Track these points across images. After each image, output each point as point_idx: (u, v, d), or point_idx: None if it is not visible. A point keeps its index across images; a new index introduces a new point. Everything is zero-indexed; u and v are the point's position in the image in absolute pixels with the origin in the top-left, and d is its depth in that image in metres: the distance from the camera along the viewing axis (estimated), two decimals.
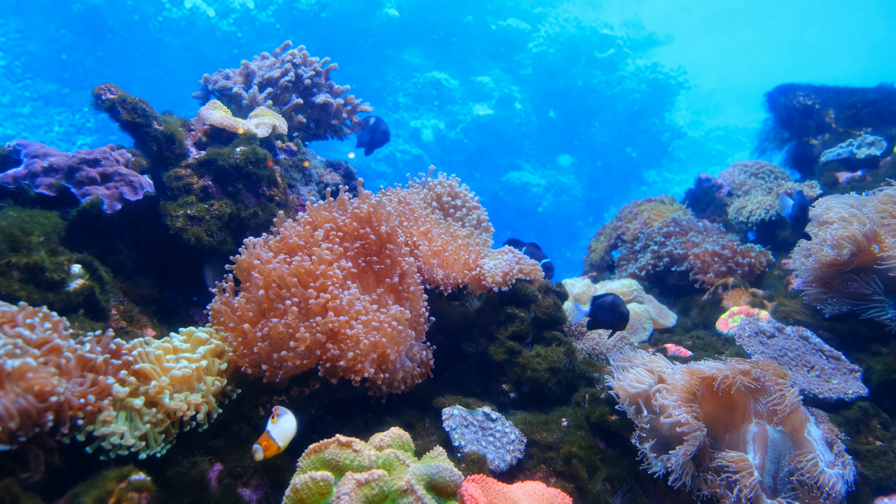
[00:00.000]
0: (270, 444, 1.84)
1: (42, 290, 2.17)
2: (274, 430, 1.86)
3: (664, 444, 2.19)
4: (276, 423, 1.88)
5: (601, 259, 5.04)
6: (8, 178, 2.54)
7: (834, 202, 3.22)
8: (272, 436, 1.85)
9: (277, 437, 1.85)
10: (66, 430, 1.76)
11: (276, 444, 1.85)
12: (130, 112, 2.79)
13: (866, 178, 4.37)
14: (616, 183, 18.67)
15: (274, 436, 1.85)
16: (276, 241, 2.50)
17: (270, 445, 1.84)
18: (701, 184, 5.32)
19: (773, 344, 2.98)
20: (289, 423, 1.91)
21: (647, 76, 17.92)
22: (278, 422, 1.89)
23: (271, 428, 1.87)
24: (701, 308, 3.80)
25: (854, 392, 2.68)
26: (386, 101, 16.73)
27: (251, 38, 15.22)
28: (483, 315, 2.98)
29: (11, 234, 2.21)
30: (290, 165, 3.33)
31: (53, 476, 1.75)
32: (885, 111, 4.77)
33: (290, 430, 1.90)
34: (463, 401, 2.51)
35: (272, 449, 1.85)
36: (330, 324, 2.17)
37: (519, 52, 17.68)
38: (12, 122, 14.01)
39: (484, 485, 1.95)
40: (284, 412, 1.93)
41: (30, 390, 1.63)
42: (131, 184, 2.68)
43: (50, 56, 14.50)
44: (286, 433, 1.88)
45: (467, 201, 3.26)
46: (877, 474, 2.32)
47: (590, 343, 3.35)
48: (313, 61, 3.73)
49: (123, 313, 2.50)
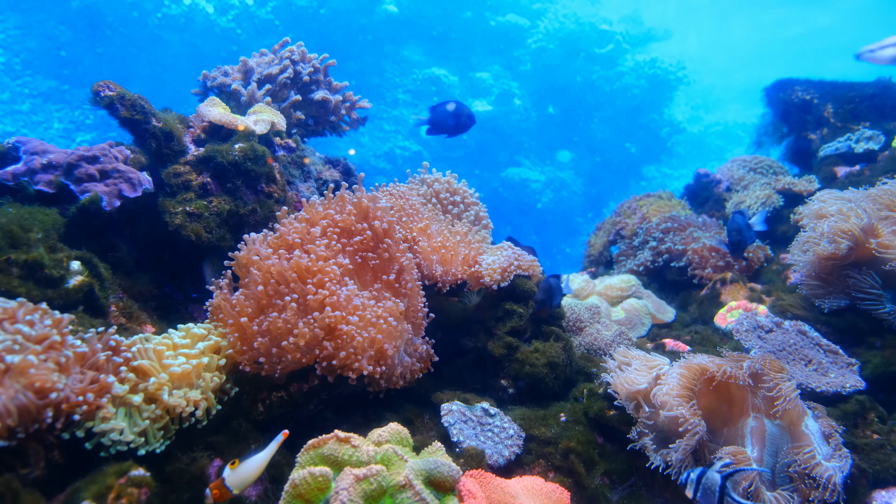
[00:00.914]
0: (224, 492, 1.74)
1: (41, 287, 2.18)
2: (230, 478, 1.75)
3: (663, 438, 2.20)
4: (234, 471, 1.76)
5: (600, 254, 5.04)
6: (7, 174, 2.54)
7: (830, 196, 3.22)
8: (226, 484, 1.74)
9: (232, 485, 1.74)
10: (64, 426, 1.77)
11: (230, 493, 1.75)
12: (129, 109, 2.79)
13: (864, 172, 4.37)
14: (615, 178, 18.67)
15: (228, 483, 1.74)
16: (274, 237, 2.51)
17: (224, 494, 1.75)
18: (700, 179, 5.32)
19: (770, 338, 2.99)
20: (248, 469, 1.77)
21: (646, 72, 17.91)
22: (237, 469, 1.76)
23: (228, 475, 1.75)
24: (699, 303, 3.80)
25: (851, 385, 2.68)
26: (385, 97, 16.73)
27: (250, 34, 15.21)
28: (481, 311, 2.99)
29: (11, 230, 2.22)
30: (288, 162, 3.33)
31: (53, 472, 1.76)
32: (882, 105, 4.76)
33: (249, 476, 1.77)
34: (461, 396, 2.52)
35: (225, 497, 1.75)
36: (327, 319, 2.18)
37: (518, 48, 17.66)
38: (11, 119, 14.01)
39: (482, 480, 1.96)
40: (248, 458, 1.81)
41: (30, 387, 1.63)
42: (130, 181, 2.68)
43: (49, 53, 14.49)
44: (243, 481, 1.77)
45: (466, 197, 3.26)
46: (874, 467, 2.33)
47: (588, 339, 3.36)
48: (312, 58, 3.73)
49: (122, 310, 2.51)
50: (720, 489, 1.88)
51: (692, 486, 1.94)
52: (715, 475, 1.90)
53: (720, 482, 1.88)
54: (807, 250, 3.12)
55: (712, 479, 1.91)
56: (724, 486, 1.88)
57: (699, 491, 1.93)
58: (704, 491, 1.92)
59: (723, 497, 1.88)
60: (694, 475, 1.95)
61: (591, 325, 3.44)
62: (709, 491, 1.90)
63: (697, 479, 1.94)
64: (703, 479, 1.93)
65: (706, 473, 1.93)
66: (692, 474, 1.96)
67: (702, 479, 1.93)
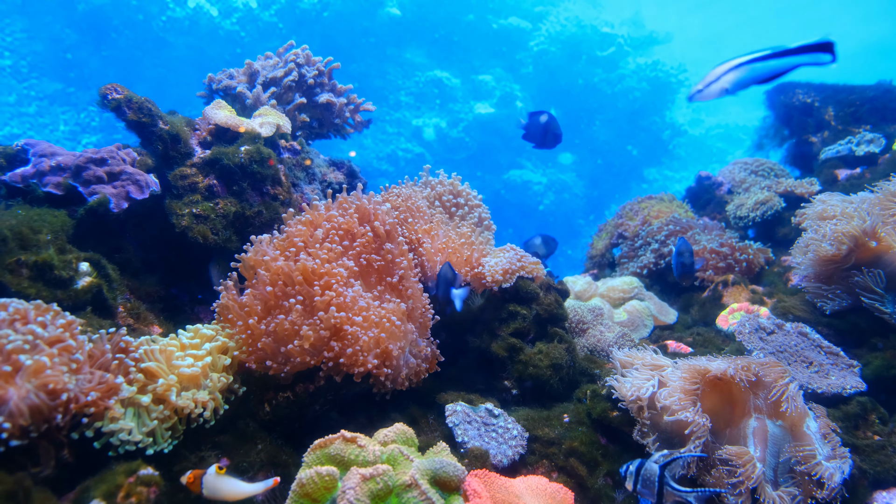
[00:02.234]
0: (196, 485, 1.74)
1: (51, 288, 2.20)
2: (208, 479, 1.75)
3: (666, 439, 2.22)
4: (216, 477, 1.75)
5: (602, 256, 5.05)
6: (16, 176, 2.57)
7: (832, 198, 3.24)
8: (203, 480, 1.74)
9: (206, 485, 1.74)
10: (74, 426, 1.79)
11: (199, 489, 1.75)
12: (136, 112, 2.82)
13: (865, 175, 4.39)
14: (617, 181, 18.66)
15: (204, 482, 1.74)
16: (280, 239, 2.53)
17: (194, 486, 1.75)
18: (701, 181, 5.34)
19: (772, 340, 3.00)
20: (225, 486, 1.75)
21: (647, 74, 17.90)
22: (219, 479, 1.75)
23: (209, 476, 1.75)
24: (701, 305, 3.82)
25: (852, 387, 2.70)
26: (388, 99, 16.75)
27: (254, 37, 15.24)
28: (485, 312, 3.01)
29: (20, 232, 2.24)
30: (293, 164, 3.36)
31: (63, 471, 1.78)
32: (883, 108, 4.78)
33: (221, 492, 1.75)
34: (466, 397, 2.53)
35: (193, 488, 1.75)
36: (332, 320, 2.20)
37: (520, 51, 17.68)
38: (18, 122, 14.05)
39: (487, 479, 1.97)
40: (235, 479, 1.79)
41: (43, 387, 1.66)
42: (138, 183, 2.71)
43: (55, 55, 14.53)
44: (214, 491, 1.75)
45: (469, 199, 3.28)
46: (875, 468, 2.34)
47: (591, 340, 3.37)
48: (316, 61, 3.76)
49: (130, 311, 2.53)
50: (658, 479, 1.89)
51: (631, 478, 1.96)
52: (653, 466, 1.92)
53: (658, 472, 1.90)
54: (808, 252, 3.13)
55: (651, 470, 1.92)
56: (662, 475, 1.90)
57: (639, 483, 1.94)
58: (644, 482, 1.93)
59: (662, 487, 1.90)
60: (633, 467, 1.97)
61: (594, 326, 3.46)
62: (648, 482, 1.92)
63: (636, 470, 1.96)
64: (641, 471, 1.94)
65: (644, 465, 1.95)
66: (630, 466, 1.98)
67: (640, 471, 1.95)
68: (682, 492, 1.88)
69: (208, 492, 1.76)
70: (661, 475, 1.90)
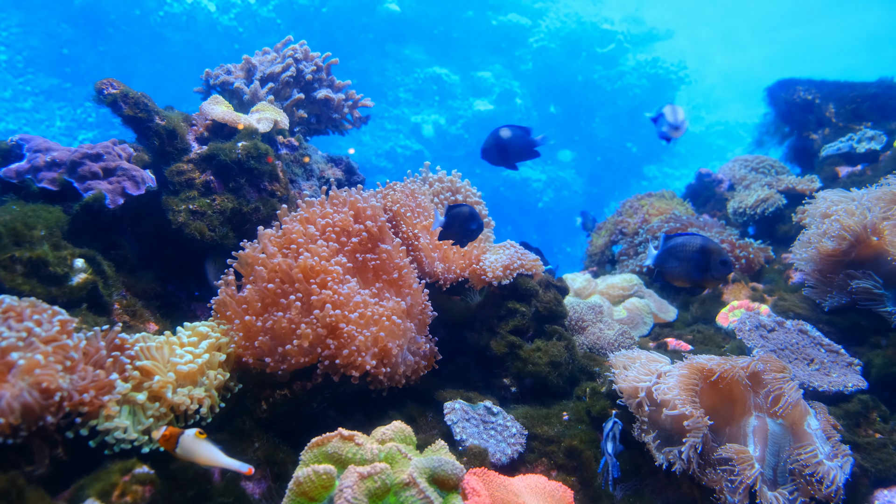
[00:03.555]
0: (171, 443, 1.71)
1: (45, 285, 2.18)
2: (185, 440, 1.71)
3: (666, 437, 2.21)
4: (194, 440, 1.72)
5: (602, 254, 5.04)
6: (11, 172, 2.55)
7: (834, 195, 3.22)
8: (179, 439, 1.71)
9: (181, 445, 1.71)
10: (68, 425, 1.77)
11: (174, 449, 1.71)
12: (132, 107, 2.79)
13: (866, 172, 4.37)
14: (616, 178, 18.67)
15: (181, 441, 1.71)
16: (277, 236, 2.51)
17: (169, 444, 1.72)
18: (701, 178, 5.33)
19: (773, 338, 2.99)
20: (202, 450, 1.72)
21: (647, 71, 17.90)
22: (198, 443, 1.72)
23: (186, 436, 1.72)
24: (701, 302, 3.80)
25: (853, 385, 2.69)
26: (387, 96, 16.73)
27: (252, 33, 15.22)
28: (484, 310, 2.99)
29: (14, 228, 2.22)
30: (291, 160, 3.33)
31: (58, 469, 1.77)
32: (885, 105, 4.76)
33: (196, 455, 1.72)
34: (464, 395, 2.52)
35: (167, 446, 1.72)
36: (328, 318, 2.18)
37: (519, 48, 17.66)
38: (14, 117, 14.02)
39: (485, 478, 1.96)
40: (213, 446, 1.75)
41: (36, 386, 1.64)
42: (134, 178, 2.69)
43: (51, 51, 14.50)
44: (190, 453, 1.72)
45: (468, 196, 3.26)
46: (876, 466, 2.33)
47: (591, 338, 3.36)
48: (314, 56, 3.73)
49: (126, 307, 2.52)
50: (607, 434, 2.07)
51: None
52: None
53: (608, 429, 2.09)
54: (809, 248, 3.12)
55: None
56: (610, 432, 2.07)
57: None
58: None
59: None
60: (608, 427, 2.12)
61: (594, 324, 3.45)
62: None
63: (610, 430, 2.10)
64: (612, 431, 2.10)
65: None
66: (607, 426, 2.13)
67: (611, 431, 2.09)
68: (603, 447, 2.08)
69: (182, 452, 1.72)
70: (608, 432, 2.06)
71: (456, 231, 2.58)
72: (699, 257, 2.32)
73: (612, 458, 2.03)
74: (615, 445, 2.05)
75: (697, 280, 2.37)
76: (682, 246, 2.35)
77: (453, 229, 2.59)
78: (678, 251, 2.36)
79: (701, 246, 2.32)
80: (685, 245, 2.35)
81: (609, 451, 2.04)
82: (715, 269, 2.33)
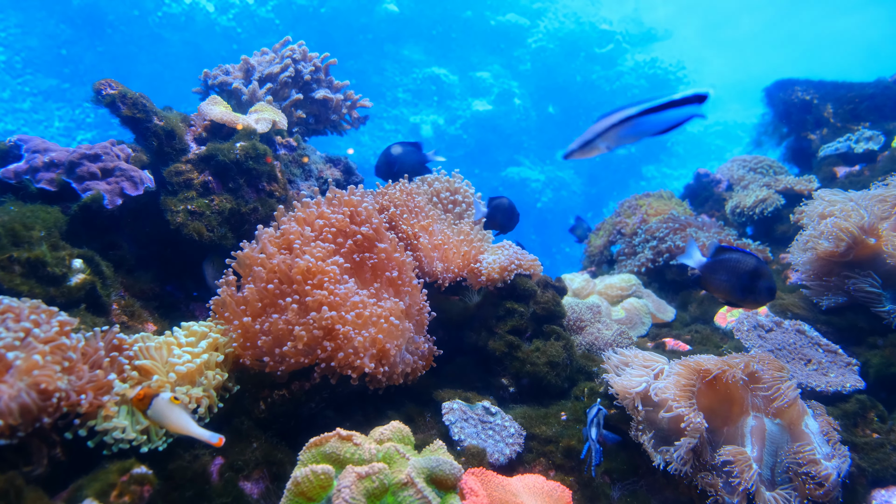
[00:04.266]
0: (144, 404, 1.70)
1: (43, 285, 2.18)
2: (158, 402, 1.70)
3: (663, 437, 2.21)
4: (168, 404, 1.71)
5: (600, 254, 5.04)
6: (9, 172, 2.55)
7: (831, 195, 3.23)
8: (153, 401, 1.69)
9: (153, 407, 1.69)
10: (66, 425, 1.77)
11: (146, 411, 1.70)
12: (131, 107, 2.79)
13: (864, 172, 4.38)
14: (615, 178, 18.68)
15: (154, 403, 1.69)
16: (275, 237, 2.51)
17: (142, 405, 1.71)
18: (699, 179, 5.33)
19: (771, 338, 3.00)
20: (172, 416, 1.70)
21: (645, 71, 17.93)
22: (172, 408, 1.71)
23: (161, 399, 1.70)
24: (699, 302, 3.81)
25: (851, 385, 2.69)
26: (385, 96, 16.73)
27: (251, 33, 15.22)
28: (482, 310, 2.99)
29: (13, 228, 2.22)
30: (289, 161, 3.34)
31: (56, 469, 1.77)
32: (882, 106, 4.77)
33: (166, 420, 1.70)
34: (463, 395, 2.52)
35: (140, 405, 1.71)
36: (324, 320, 2.18)
37: (518, 48, 17.67)
38: (12, 118, 14.01)
39: (483, 478, 1.96)
40: (186, 415, 1.74)
41: (34, 386, 1.64)
42: (132, 179, 2.69)
43: (50, 51, 14.50)
44: (160, 416, 1.70)
45: (468, 196, 3.27)
46: (873, 466, 2.34)
47: (589, 338, 3.36)
48: (313, 57, 3.74)
49: (124, 308, 2.52)
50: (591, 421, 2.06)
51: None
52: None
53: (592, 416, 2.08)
54: (807, 249, 3.12)
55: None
56: (594, 419, 2.06)
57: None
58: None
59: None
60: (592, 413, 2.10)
61: (592, 324, 3.45)
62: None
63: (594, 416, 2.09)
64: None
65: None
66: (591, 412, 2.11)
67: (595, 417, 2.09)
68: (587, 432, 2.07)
69: (153, 414, 1.71)
70: (592, 418, 2.06)
71: (499, 220, 2.94)
72: (748, 278, 2.34)
73: (594, 444, 2.03)
74: (598, 431, 2.05)
75: (739, 298, 2.39)
76: (736, 262, 2.36)
77: (496, 219, 2.93)
78: (729, 266, 2.37)
79: (754, 267, 2.33)
80: (739, 262, 2.36)
81: (592, 436, 2.03)
82: (759, 294, 2.34)
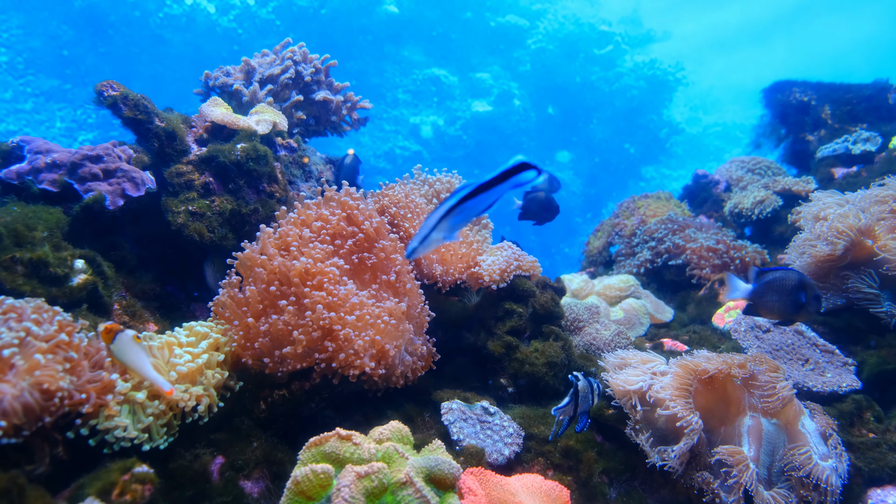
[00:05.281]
0: (108, 338, 1.75)
1: (45, 285, 2.20)
2: (122, 338, 1.75)
3: (660, 436, 2.23)
4: (131, 342, 1.77)
5: (599, 255, 5.06)
6: (11, 173, 2.56)
7: (828, 197, 3.24)
8: (117, 335, 1.74)
9: (116, 342, 1.74)
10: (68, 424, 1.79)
11: (109, 345, 1.75)
12: (132, 109, 2.81)
13: (861, 173, 4.40)
14: (614, 179, 18.69)
15: (117, 338, 1.74)
16: (275, 238, 2.52)
17: (106, 338, 1.75)
18: (698, 180, 5.35)
19: (768, 338, 3.01)
20: (133, 356, 1.77)
21: (645, 72, 17.94)
22: (135, 347, 1.76)
23: (124, 336, 1.76)
24: (697, 303, 3.83)
25: (848, 385, 2.71)
26: (385, 97, 16.74)
27: (251, 34, 15.22)
28: (481, 310, 3.01)
29: (15, 229, 2.24)
30: (290, 162, 3.35)
31: (58, 468, 1.78)
32: (880, 107, 4.79)
33: (126, 357, 1.76)
34: (462, 395, 2.53)
35: (105, 338, 1.77)
36: (322, 321, 2.20)
37: (518, 49, 17.68)
38: (14, 118, 14.02)
39: (482, 477, 1.97)
40: (145, 354, 1.79)
41: (37, 386, 1.65)
42: (133, 180, 2.70)
43: (51, 52, 14.50)
44: (121, 353, 1.75)
45: None
46: (869, 466, 2.35)
47: (587, 338, 3.38)
48: (313, 58, 3.75)
49: (126, 308, 2.53)
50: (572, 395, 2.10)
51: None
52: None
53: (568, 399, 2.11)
54: (804, 252, 3.14)
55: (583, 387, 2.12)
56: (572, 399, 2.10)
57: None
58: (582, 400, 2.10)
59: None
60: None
61: (590, 324, 3.46)
62: (584, 400, 2.11)
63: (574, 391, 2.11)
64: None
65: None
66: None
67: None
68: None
69: (116, 350, 1.76)
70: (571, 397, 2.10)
71: (535, 212, 3.17)
72: (796, 293, 2.39)
73: (558, 416, 2.13)
74: (567, 401, 2.10)
75: (793, 314, 2.44)
76: (781, 281, 2.42)
77: (531, 211, 3.17)
78: (776, 286, 2.42)
79: (798, 281, 2.39)
80: (784, 280, 2.41)
81: (559, 405, 2.10)
82: (811, 304, 2.40)
